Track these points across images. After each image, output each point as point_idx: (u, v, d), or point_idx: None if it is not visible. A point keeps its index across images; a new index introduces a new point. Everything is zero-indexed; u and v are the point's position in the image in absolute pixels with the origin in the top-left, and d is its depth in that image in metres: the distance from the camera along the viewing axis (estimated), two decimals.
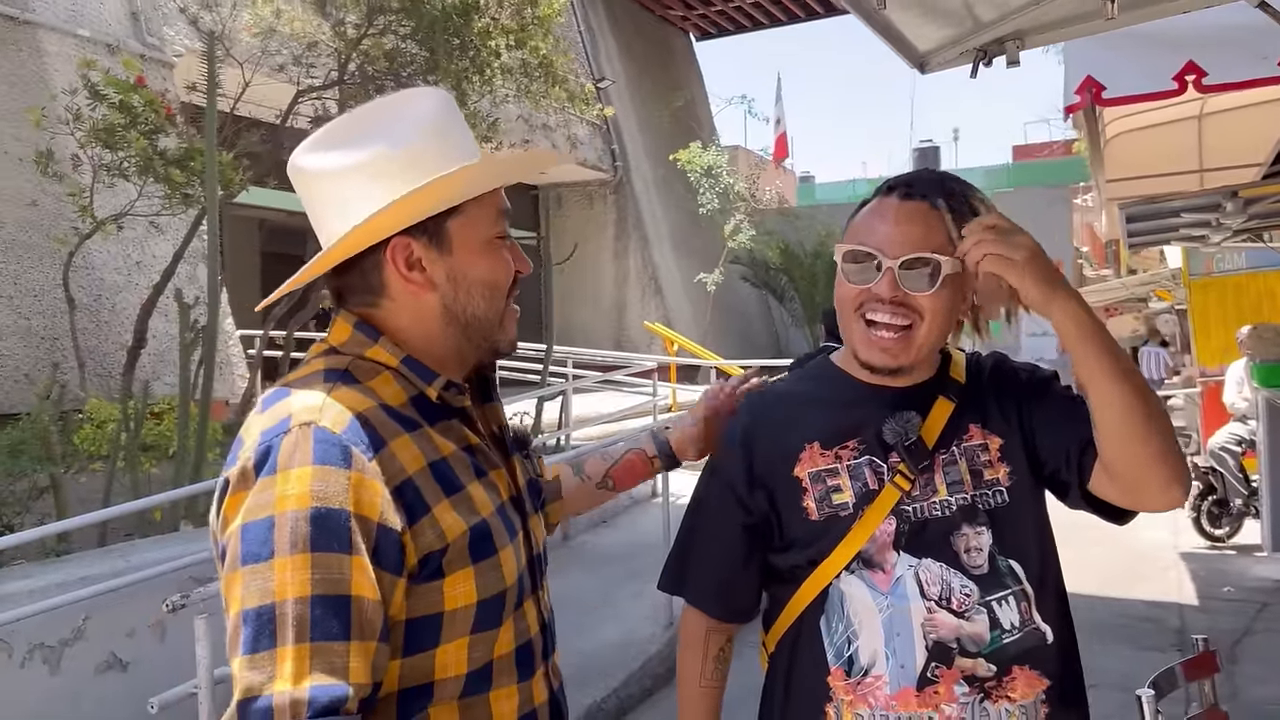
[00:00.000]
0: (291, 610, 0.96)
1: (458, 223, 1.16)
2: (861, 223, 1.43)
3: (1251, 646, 5.36)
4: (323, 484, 1.00)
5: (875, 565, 1.39)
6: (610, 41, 18.52)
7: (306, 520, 0.99)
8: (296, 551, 0.98)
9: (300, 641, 0.96)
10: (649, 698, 4.72)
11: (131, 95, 6.03)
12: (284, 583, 0.97)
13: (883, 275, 1.37)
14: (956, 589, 1.37)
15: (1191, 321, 10.97)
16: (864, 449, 1.43)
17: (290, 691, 0.94)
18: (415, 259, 1.16)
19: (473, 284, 1.18)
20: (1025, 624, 1.38)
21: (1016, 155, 29.19)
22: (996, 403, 1.47)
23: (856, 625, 1.40)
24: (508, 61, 7.78)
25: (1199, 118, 6.53)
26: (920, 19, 2.39)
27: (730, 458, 1.50)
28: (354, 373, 1.13)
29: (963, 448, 1.43)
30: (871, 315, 1.39)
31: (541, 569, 1.28)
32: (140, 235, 7.88)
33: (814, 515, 1.42)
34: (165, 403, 6.30)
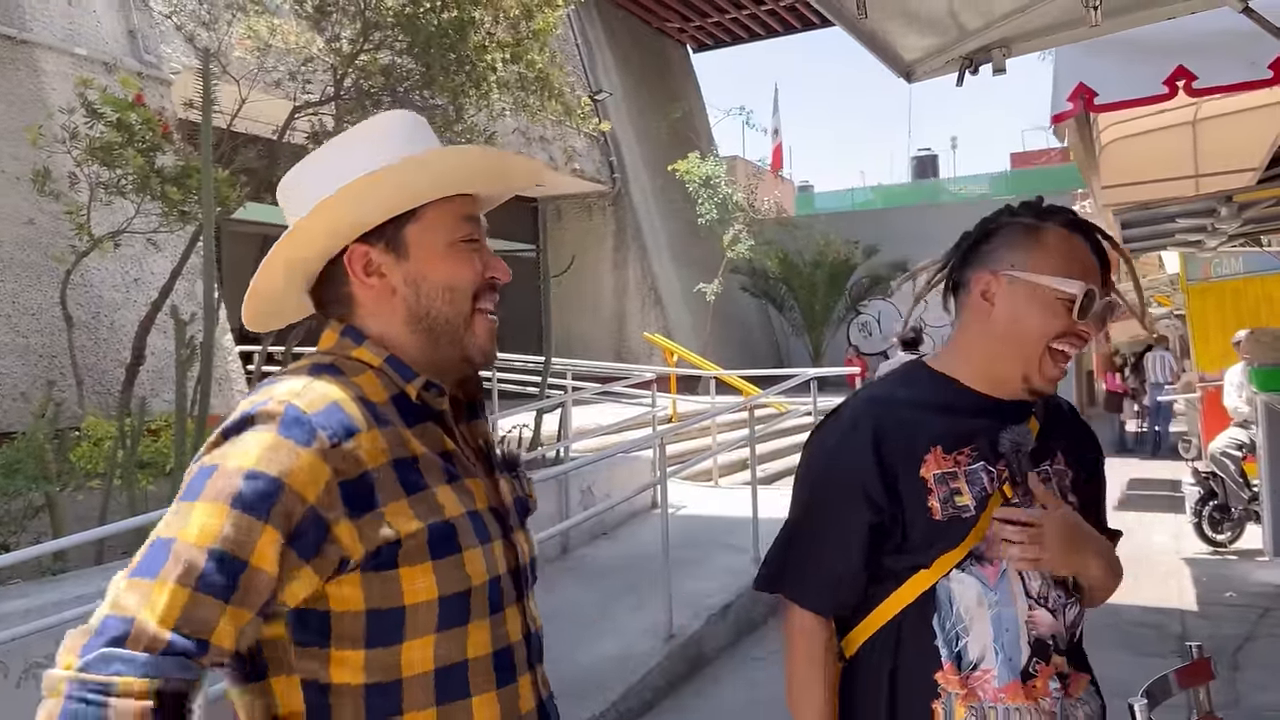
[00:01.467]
0: (188, 552, 1.00)
1: (415, 228, 1.20)
2: (1064, 259, 1.48)
3: (1254, 652, 5.33)
4: (273, 453, 1.05)
5: (985, 559, 1.48)
6: (607, 54, 18.58)
7: (241, 477, 1.03)
8: (218, 501, 1.02)
9: (183, 585, 0.98)
10: (648, 711, 4.70)
11: (129, 113, 6.05)
12: (194, 524, 1.01)
13: (1095, 313, 1.46)
14: (1052, 586, 1.49)
15: (1190, 326, 10.97)
16: (977, 455, 1.50)
17: (154, 626, 0.96)
18: (374, 265, 1.21)
19: (433, 287, 1.20)
20: (1076, 626, 1.53)
21: (1014, 162, 29.23)
22: (1074, 442, 1.62)
23: (967, 621, 1.47)
24: (504, 75, 7.81)
25: (1193, 123, 6.53)
26: (905, 28, 2.40)
27: (858, 455, 1.51)
28: (339, 367, 1.18)
29: (1054, 470, 1.55)
30: (1060, 346, 1.47)
31: (527, 580, 1.28)
32: (138, 252, 7.89)
33: (938, 515, 1.48)
34: (163, 419, 6.30)
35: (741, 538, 6.69)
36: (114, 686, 0.93)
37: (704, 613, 5.52)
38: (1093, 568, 1.49)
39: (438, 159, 1.20)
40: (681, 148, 18.38)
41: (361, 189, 1.16)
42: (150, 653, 0.95)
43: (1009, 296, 1.48)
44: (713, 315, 17.66)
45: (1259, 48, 3.25)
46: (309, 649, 1.10)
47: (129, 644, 0.95)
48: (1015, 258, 1.49)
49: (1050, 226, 1.50)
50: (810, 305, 19.90)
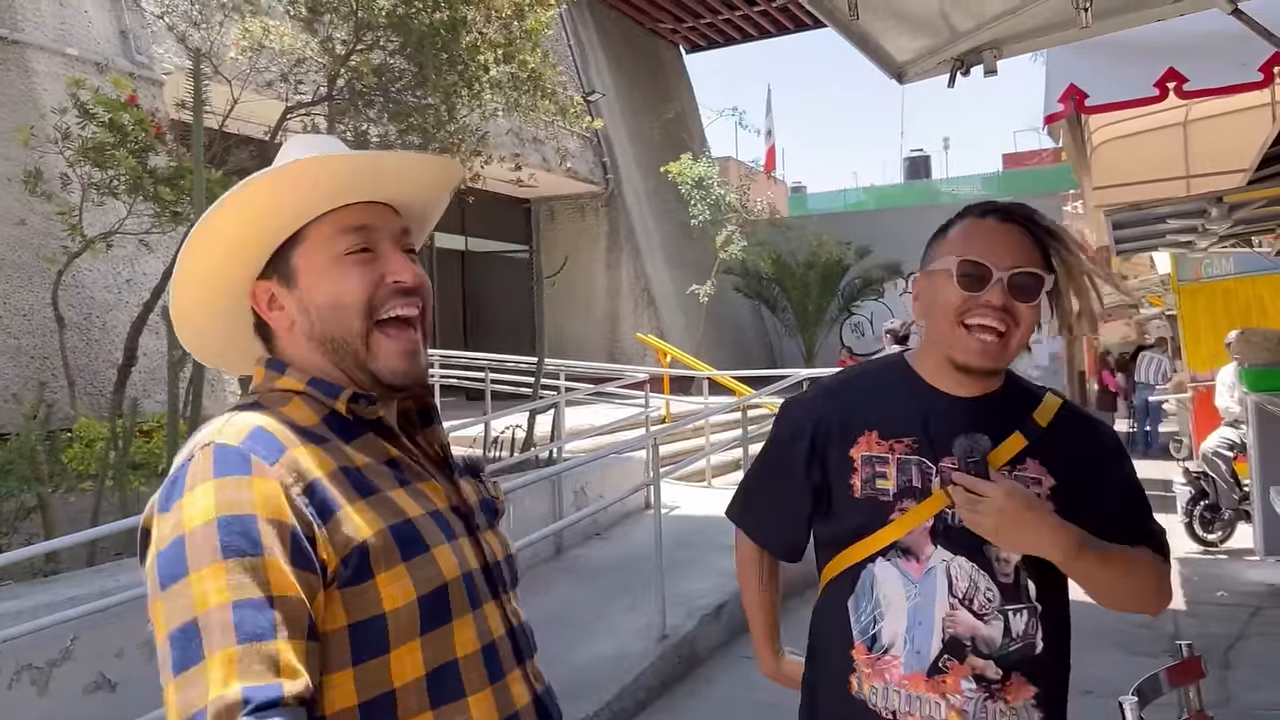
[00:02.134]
0: (215, 619, 0.96)
1: (298, 251, 1.19)
2: (961, 240, 1.56)
3: (1245, 651, 5.36)
4: (225, 494, 1.01)
5: (911, 554, 1.54)
6: (600, 54, 18.58)
7: (214, 530, 0.99)
8: (210, 563, 0.98)
9: (227, 646, 0.94)
10: (642, 711, 4.70)
11: (121, 114, 6.03)
12: (203, 595, 0.97)
13: (993, 285, 1.50)
14: (982, 590, 1.51)
15: (1181, 327, 11.00)
16: (917, 448, 1.57)
17: (223, 696, 0.92)
18: (276, 300, 1.20)
19: (320, 308, 1.17)
20: (1028, 636, 1.52)
21: (1006, 163, 29.28)
22: (1068, 454, 1.59)
23: (884, 607, 1.55)
24: (497, 75, 7.80)
25: (1184, 124, 6.57)
26: (896, 29, 2.40)
27: (802, 423, 1.67)
28: (262, 402, 1.16)
29: (1014, 475, 1.54)
30: (973, 321, 1.52)
31: (503, 578, 1.26)
32: (130, 253, 7.87)
33: (857, 494, 1.58)
34: (155, 420, 6.28)
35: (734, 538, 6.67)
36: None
37: (697, 613, 5.53)
38: (1051, 554, 1.47)
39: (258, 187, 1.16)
40: (674, 148, 18.39)
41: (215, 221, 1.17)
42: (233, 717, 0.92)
43: (924, 289, 1.60)
44: (705, 316, 17.67)
45: (1249, 49, 3.27)
46: None
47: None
48: (928, 256, 1.62)
49: (960, 222, 1.59)
50: (803, 306, 19.92)
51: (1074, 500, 1.54)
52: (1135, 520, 1.60)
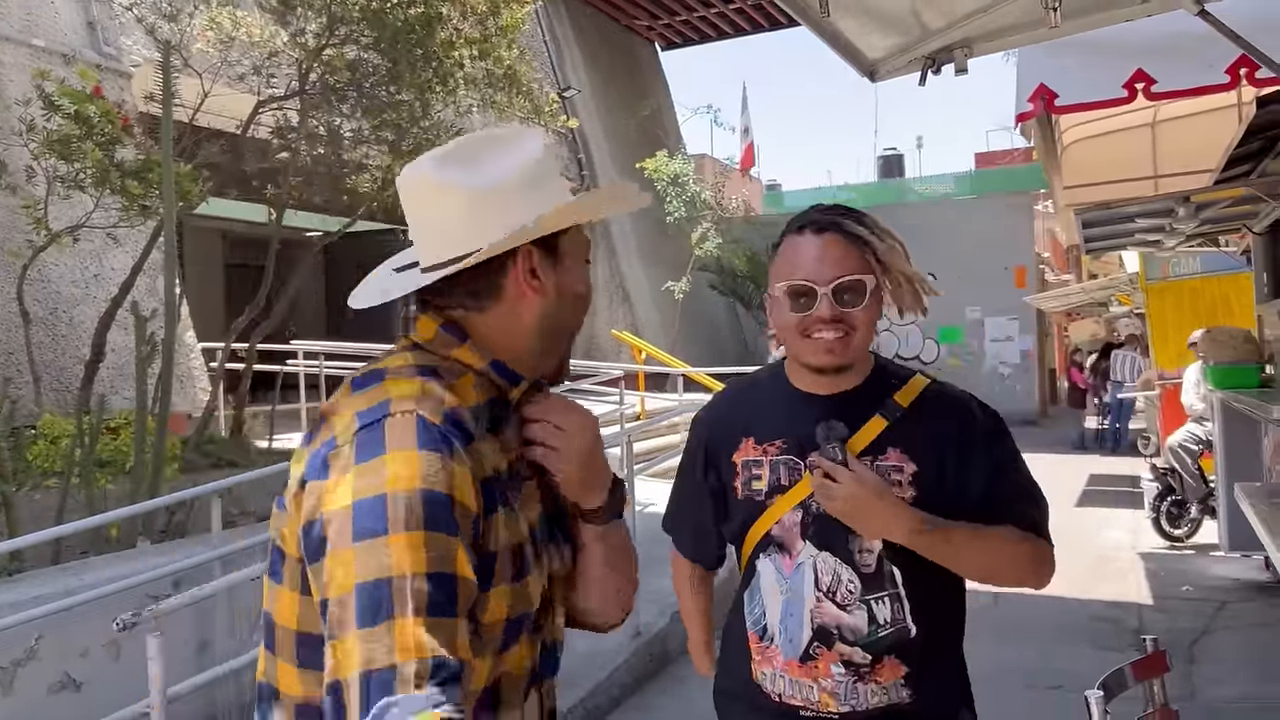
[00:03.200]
0: (410, 585, 0.99)
1: (565, 240, 1.26)
2: (787, 261, 1.67)
3: (1209, 646, 5.43)
4: (429, 467, 1.04)
5: (785, 550, 1.69)
6: (576, 51, 18.54)
7: (419, 500, 1.03)
8: (411, 529, 1.01)
9: (419, 615, 0.98)
10: (616, 708, 4.71)
11: (87, 106, 5.96)
12: (400, 558, 1.00)
13: (820, 301, 1.61)
14: (844, 582, 1.65)
15: (1149, 325, 11.14)
16: (787, 448, 1.71)
17: (414, 661, 0.96)
18: (538, 270, 1.23)
19: (571, 296, 1.27)
20: (896, 622, 1.64)
21: (979, 162, 29.47)
22: (929, 435, 1.67)
23: (767, 602, 1.72)
24: (471, 72, 7.77)
25: (1153, 125, 6.66)
26: (868, 27, 2.41)
27: (699, 434, 1.86)
28: (440, 371, 1.17)
29: (876, 465, 1.64)
30: (812, 334, 1.63)
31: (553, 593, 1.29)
32: (98, 247, 7.77)
33: (739, 495, 1.74)
34: (122, 417, 6.21)
35: None
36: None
37: (670, 610, 5.52)
38: (895, 535, 1.58)
39: (607, 193, 1.36)
40: (650, 146, 18.38)
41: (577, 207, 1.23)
42: (419, 689, 0.95)
43: (773, 311, 1.71)
44: (681, 313, 17.69)
45: (1216, 51, 3.31)
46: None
47: (400, 689, 0.94)
48: (769, 278, 1.72)
49: (785, 238, 1.70)
50: None
51: (936, 483, 1.63)
52: (1003, 501, 1.65)
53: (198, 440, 7.24)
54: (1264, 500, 3.33)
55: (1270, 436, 6.09)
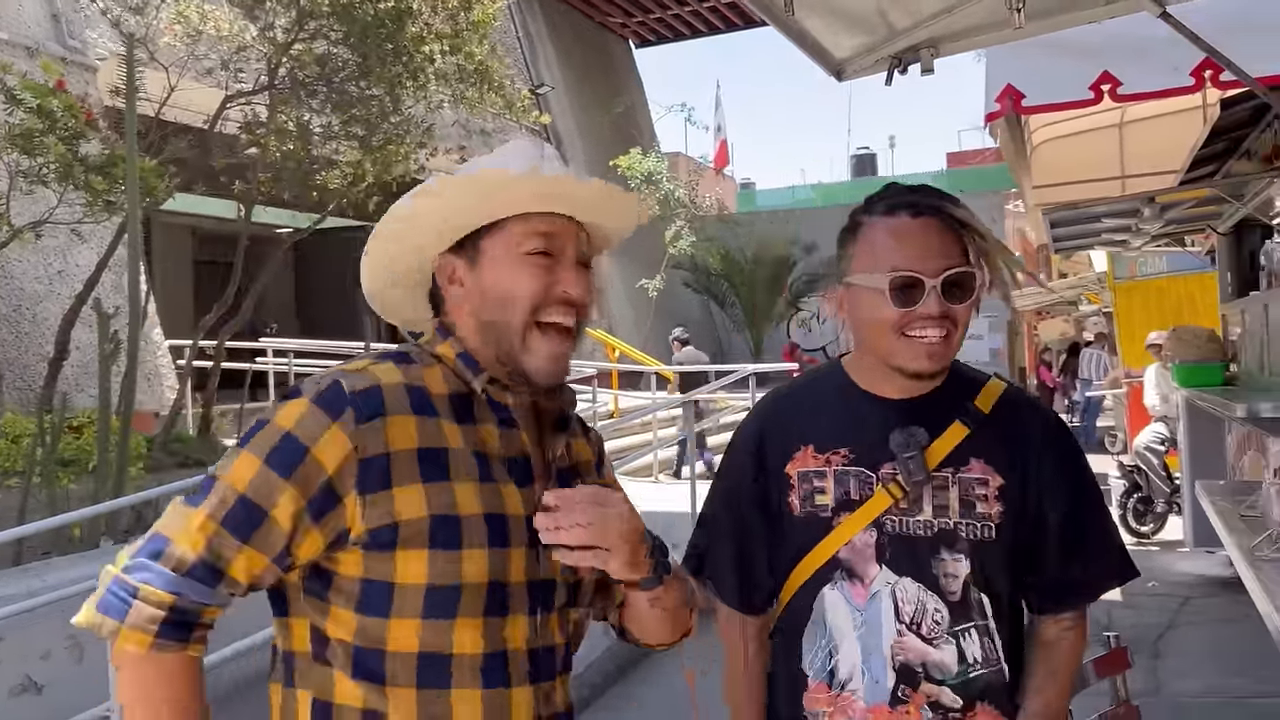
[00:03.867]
0: (223, 491, 1.14)
1: (489, 239, 1.27)
2: (879, 247, 1.45)
3: (1174, 641, 5.50)
4: (306, 419, 1.16)
5: (856, 577, 1.47)
6: (549, 47, 18.49)
7: (278, 436, 1.16)
8: (255, 454, 1.15)
9: (213, 519, 1.13)
10: (598, 697, 4.72)
11: (50, 100, 5.86)
12: (235, 469, 1.16)
13: (928, 295, 1.41)
14: (930, 611, 1.44)
15: (1117, 324, 11.27)
16: (854, 458, 1.49)
17: (182, 548, 1.12)
18: (457, 275, 1.29)
19: (492, 294, 1.26)
20: (990, 661, 1.45)
21: (951, 161, 29.73)
22: (1012, 445, 1.50)
23: (837, 640, 1.48)
24: (443, 67, 7.72)
25: (1120, 126, 6.73)
26: (834, 26, 2.42)
27: (745, 449, 1.60)
28: (412, 356, 1.28)
29: (959, 477, 1.47)
30: (914, 332, 1.43)
31: (551, 598, 1.27)
32: (62, 243, 7.65)
33: (796, 511, 1.51)
34: (86, 416, 6.13)
35: (681, 533, 6.61)
36: (139, 591, 1.10)
37: None
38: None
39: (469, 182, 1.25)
40: (623, 143, 18.37)
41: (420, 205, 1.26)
42: (175, 571, 1.11)
43: (852, 304, 1.50)
44: (654, 311, 17.70)
45: (1181, 54, 3.35)
46: (312, 599, 1.20)
47: (162, 560, 1.11)
48: (845, 264, 1.51)
49: (867, 219, 1.49)
50: (751, 302, 20.05)
51: (1020, 499, 1.48)
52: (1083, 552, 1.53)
53: (165, 439, 7.16)
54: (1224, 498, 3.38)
55: (1234, 434, 6.18)
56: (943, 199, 1.47)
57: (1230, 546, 2.81)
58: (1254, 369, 5.42)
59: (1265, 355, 5.07)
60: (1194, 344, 6.47)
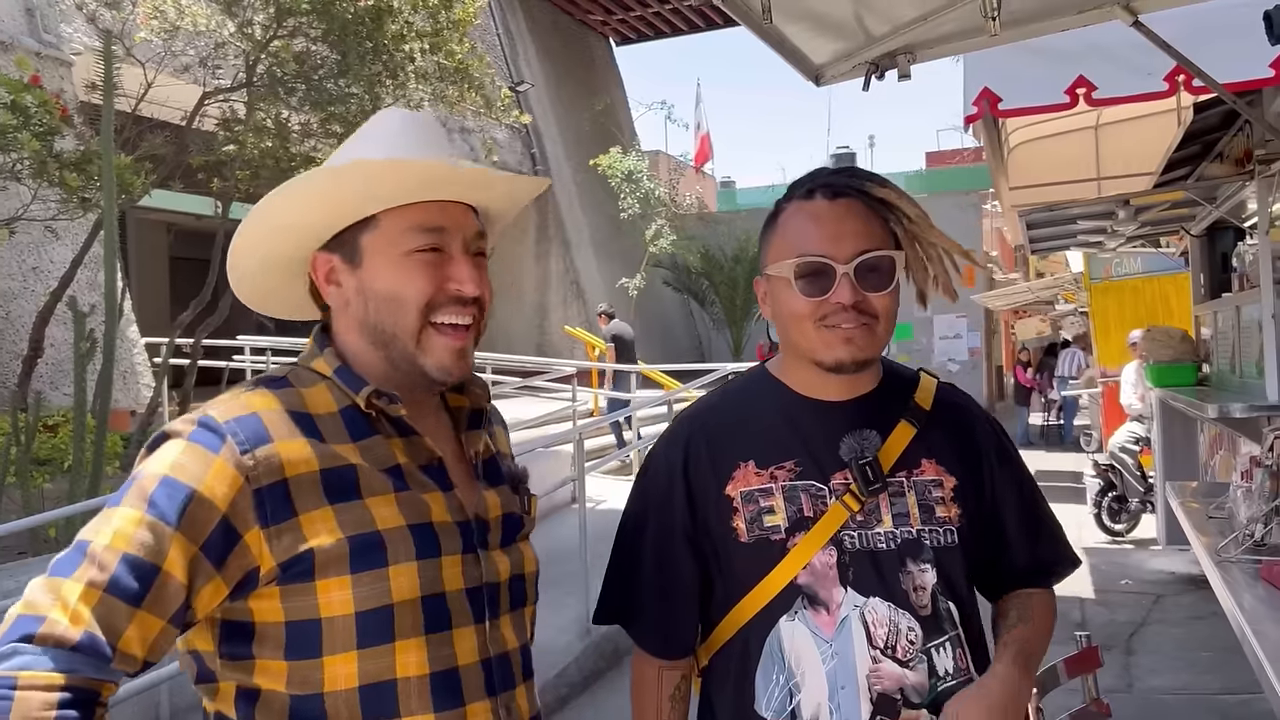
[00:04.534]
0: (102, 555, 0.99)
1: (370, 236, 1.17)
2: (792, 233, 1.35)
3: (1147, 637, 5.57)
4: (184, 459, 1.04)
5: (820, 604, 1.32)
6: (529, 45, 18.45)
7: (155, 484, 1.03)
8: (133, 507, 1.02)
9: (94, 586, 0.97)
10: (565, 705, 4.71)
11: (24, 95, 5.79)
12: (110, 529, 1.00)
13: (840, 282, 1.30)
14: (904, 631, 1.32)
15: (1092, 323, 11.38)
16: (801, 471, 1.36)
17: (64, 625, 0.95)
18: (335, 275, 1.19)
19: (377, 298, 1.16)
20: (960, 672, 1.33)
21: (930, 161, 29.86)
22: (958, 443, 1.42)
23: (799, 677, 1.32)
24: (422, 65, 7.69)
25: (1096, 128, 6.79)
26: (812, 32, 2.44)
27: (669, 475, 1.41)
28: (290, 379, 1.16)
29: (913, 481, 1.37)
30: (832, 324, 1.32)
31: (498, 600, 1.20)
32: (36, 240, 7.58)
33: (744, 537, 1.35)
34: (61, 415, 6.07)
35: None
36: (18, 680, 0.91)
37: None
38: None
39: (353, 171, 1.15)
40: (604, 141, 18.36)
41: (287, 193, 1.15)
42: (59, 649, 0.94)
43: (770, 294, 1.40)
44: (635, 309, 17.70)
45: (1154, 60, 3.39)
46: (236, 661, 1.09)
47: (38, 640, 0.94)
48: (764, 254, 1.41)
49: (785, 205, 1.39)
50: (731, 300, 20.08)
51: (975, 499, 1.40)
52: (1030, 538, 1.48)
53: (141, 437, 7.10)
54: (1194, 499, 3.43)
55: (1206, 433, 6.26)
56: (865, 178, 1.36)
57: (1198, 547, 2.85)
58: (1226, 370, 5.49)
59: (1236, 356, 5.14)
60: (1167, 344, 6.55)
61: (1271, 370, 4.27)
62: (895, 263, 1.33)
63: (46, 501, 5.05)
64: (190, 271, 14.59)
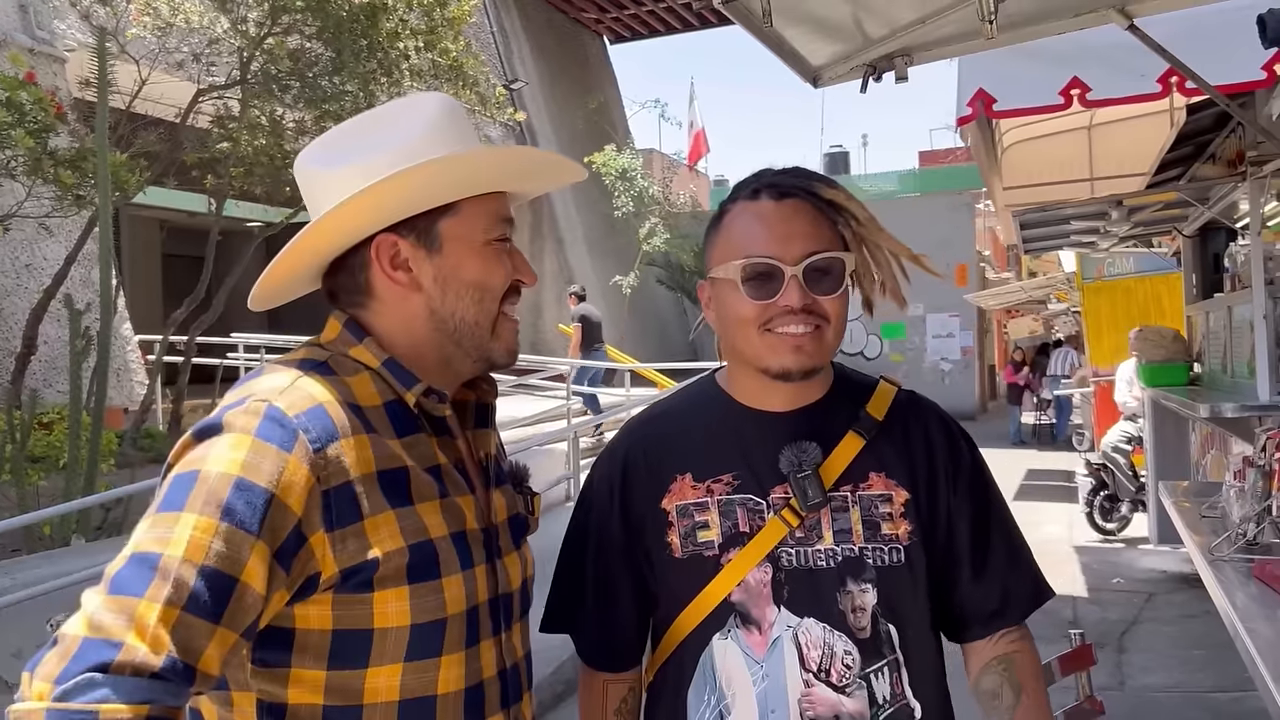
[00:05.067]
0: (177, 569, 0.90)
1: (450, 222, 1.13)
2: (740, 234, 1.29)
3: (1138, 636, 5.60)
4: (257, 458, 0.97)
5: (751, 622, 1.27)
6: (524, 43, 18.45)
7: (228, 486, 0.94)
8: (205, 514, 0.93)
9: (172, 605, 0.88)
10: (560, 703, 4.71)
11: (19, 92, 5.78)
12: (180, 539, 0.91)
13: (788, 285, 1.25)
14: (839, 655, 1.26)
15: (1084, 323, 11.42)
16: (739, 485, 1.30)
17: (143, 651, 0.86)
18: (401, 258, 1.13)
19: (462, 286, 1.14)
20: (896, 698, 1.27)
21: (922, 161, 29.89)
22: (913, 455, 1.34)
23: (730, 699, 1.27)
24: (417, 63, 7.70)
25: (1089, 128, 6.82)
26: (810, 35, 2.45)
27: (606, 486, 1.37)
28: (332, 366, 1.10)
29: (859, 496, 1.30)
30: (780, 328, 1.26)
31: (510, 611, 1.19)
32: (30, 237, 7.56)
33: (678, 553, 1.30)
34: (56, 412, 6.06)
35: None
36: (100, 715, 0.82)
37: None
38: None
39: (479, 156, 1.14)
40: (598, 139, 18.37)
41: (402, 181, 1.08)
42: (138, 677, 0.85)
43: (715, 299, 1.34)
44: (628, 308, 17.72)
45: (1148, 61, 3.41)
46: (268, 669, 1.03)
47: (114, 669, 0.84)
48: (708, 256, 1.36)
49: (730, 206, 1.34)
50: None
51: (929, 515, 1.32)
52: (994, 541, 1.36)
53: (134, 435, 7.09)
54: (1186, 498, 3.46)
55: (1198, 433, 6.29)
56: (812, 179, 1.31)
57: (1191, 546, 2.87)
58: (1217, 370, 5.52)
59: (1228, 356, 5.17)
60: (1160, 344, 6.58)
61: (1263, 370, 4.30)
62: (845, 265, 1.28)
63: (41, 499, 5.05)
64: (183, 268, 14.56)
